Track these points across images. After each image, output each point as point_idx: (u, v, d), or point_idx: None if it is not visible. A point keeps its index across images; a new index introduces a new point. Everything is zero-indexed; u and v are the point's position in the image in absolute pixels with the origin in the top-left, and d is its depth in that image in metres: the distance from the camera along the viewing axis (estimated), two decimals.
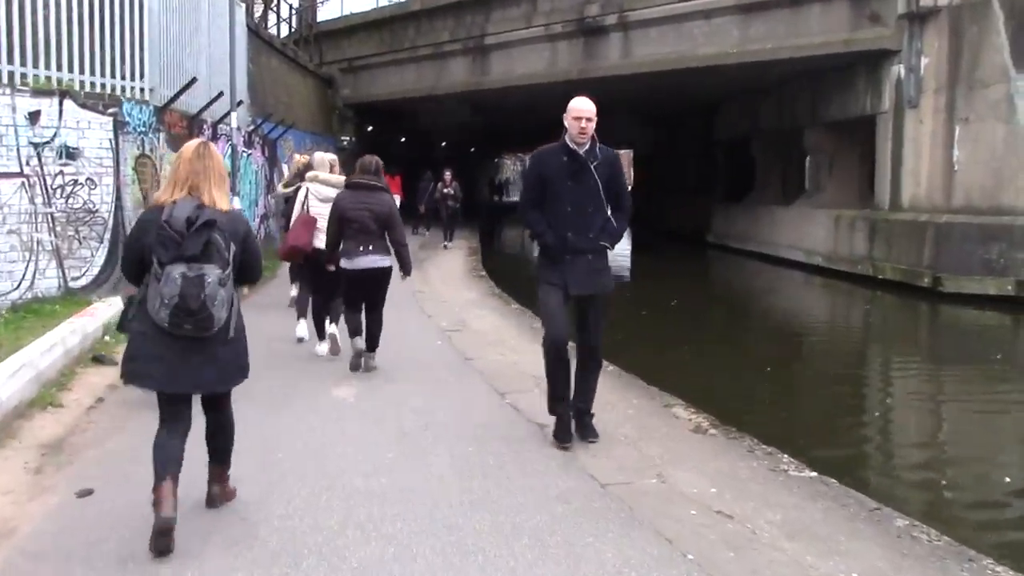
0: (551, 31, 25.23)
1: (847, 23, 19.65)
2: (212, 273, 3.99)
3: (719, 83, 25.42)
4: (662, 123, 38.19)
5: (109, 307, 10.06)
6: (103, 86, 11.26)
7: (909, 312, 16.72)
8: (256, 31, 22.79)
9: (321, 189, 8.66)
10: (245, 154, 18.03)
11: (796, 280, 21.68)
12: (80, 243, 10.59)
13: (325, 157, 9.25)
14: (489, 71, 27.47)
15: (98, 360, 8.36)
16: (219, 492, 4.58)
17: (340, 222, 7.71)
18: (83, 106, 10.52)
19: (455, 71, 28.58)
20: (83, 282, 10.63)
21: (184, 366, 4.11)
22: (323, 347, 8.80)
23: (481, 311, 12.24)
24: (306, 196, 8.74)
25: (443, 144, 48.12)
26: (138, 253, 4.14)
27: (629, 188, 7.09)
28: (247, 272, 4.38)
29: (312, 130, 27.43)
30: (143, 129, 11.61)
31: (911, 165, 18.42)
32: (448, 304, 12.82)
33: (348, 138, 31.35)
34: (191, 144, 4.29)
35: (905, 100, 18.54)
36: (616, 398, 7.35)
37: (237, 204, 5.21)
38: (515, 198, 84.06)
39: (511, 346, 9.68)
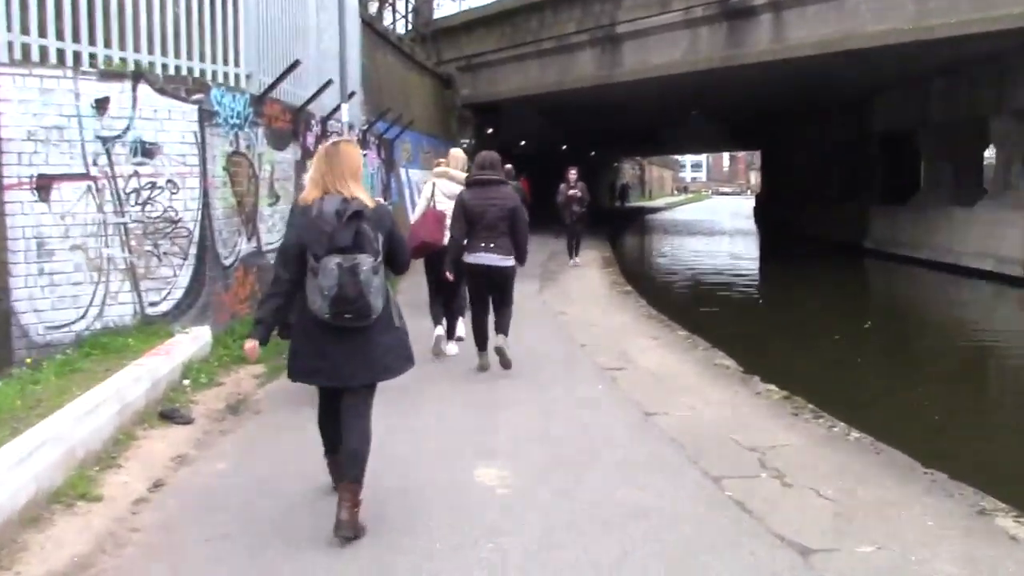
0: (691, 15, 22.72)
1: None
2: (366, 262, 4.10)
3: (881, 68, 22.47)
4: (801, 118, 35.10)
5: (193, 341, 8.14)
6: (188, 70, 9.36)
7: None
8: (371, 24, 21.02)
9: (450, 186, 8.61)
10: (361, 156, 16.13)
11: (993, 293, 18.56)
12: (160, 260, 8.64)
13: (460, 154, 9.23)
14: (621, 62, 25.11)
15: (166, 417, 6.40)
16: (348, 518, 4.25)
17: (465, 220, 7.63)
18: (162, 92, 8.56)
19: (583, 64, 26.32)
20: (164, 308, 8.65)
21: (350, 358, 4.23)
22: (453, 347, 8.81)
23: (642, 340, 9.90)
24: (432, 192, 8.72)
25: (563, 147, 45.99)
26: (295, 248, 4.26)
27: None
28: (395, 263, 4.52)
29: (430, 132, 25.58)
30: (237, 121, 9.67)
31: None
32: (600, 330, 10.54)
33: (468, 140, 29.46)
34: (323, 145, 4.51)
35: None
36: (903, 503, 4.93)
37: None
38: (637, 203, 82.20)
39: (699, 394, 7.32)
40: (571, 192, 18.30)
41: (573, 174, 18.43)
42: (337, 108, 13.06)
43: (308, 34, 12.89)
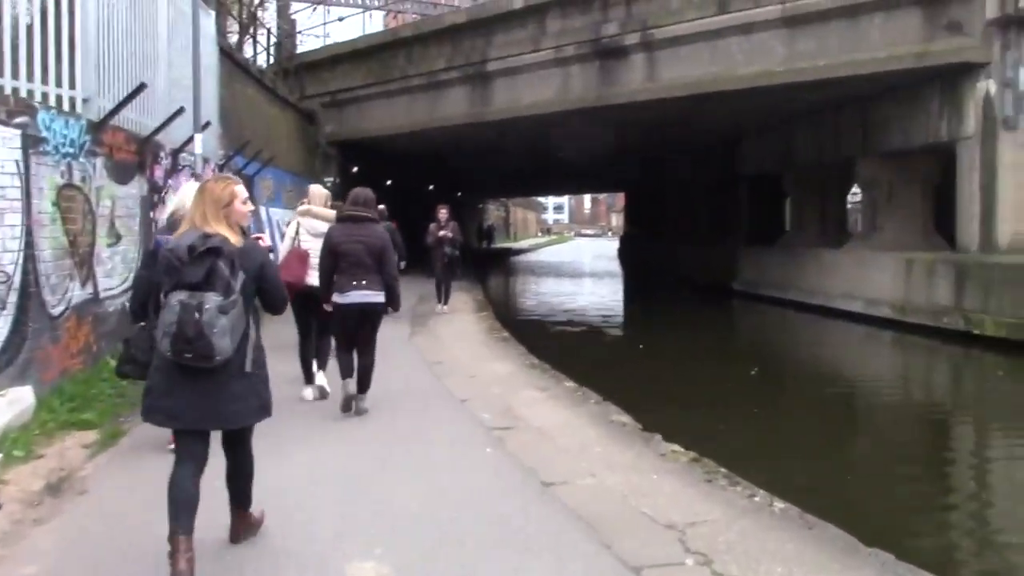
0: (562, 54, 22.40)
1: (917, 34, 16.92)
2: (211, 300, 3.94)
3: (750, 111, 22.72)
4: (669, 160, 35.42)
5: (9, 405, 6.92)
6: (14, 90, 8.16)
7: None
8: (230, 54, 19.85)
9: (313, 224, 8.45)
10: None
11: (865, 335, 18.56)
12: None
13: (321, 190, 9.02)
14: (492, 100, 24.58)
15: None
16: (241, 529, 4.59)
17: (333, 256, 7.57)
18: None
19: (453, 101, 25.68)
20: None
21: (198, 401, 4.09)
22: (309, 392, 8.48)
23: (529, 393, 9.11)
24: (296, 231, 8.55)
25: (431, 187, 45.29)
26: (146, 286, 4.55)
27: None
28: (267, 303, 4.42)
29: (294, 169, 24.39)
30: (70, 150, 8.50)
31: (1010, 198, 15.58)
32: (480, 382, 9.70)
33: (332, 179, 28.34)
34: (210, 179, 4.42)
35: (999, 121, 15.73)
36: None
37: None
38: (503, 244, 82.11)
39: (599, 458, 6.55)
40: (442, 233, 16.58)
41: (444, 213, 16.79)
42: (190, 140, 11.92)
43: (159, 59, 11.81)
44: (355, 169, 30.34)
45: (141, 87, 9.56)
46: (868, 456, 9.64)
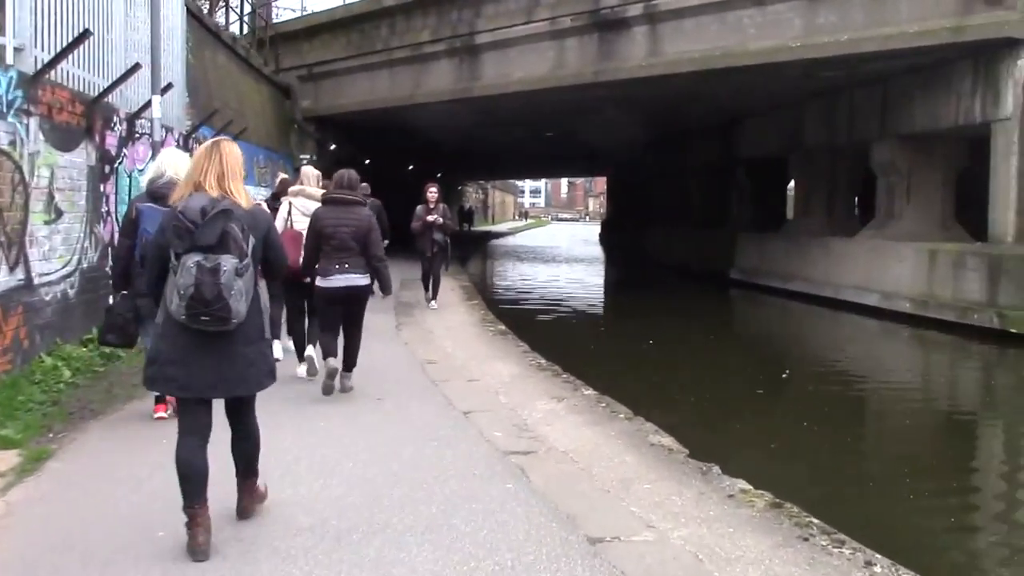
0: (558, 26, 21.00)
1: (951, 7, 15.62)
2: (228, 263, 3.90)
3: (756, 90, 21.34)
4: (660, 142, 34.06)
5: None
6: None
7: None
8: (199, 17, 18.25)
9: (307, 204, 8.29)
10: None
11: (883, 331, 17.26)
12: None
13: (313, 171, 8.94)
14: (480, 75, 23.13)
15: None
16: (248, 503, 4.48)
17: (317, 238, 7.50)
18: None
19: (438, 76, 24.22)
20: None
21: (210, 367, 4.04)
22: (302, 368, 8.42)
23: (544, 404, 7.72)
24: (289, 211, 8.42)
25: (410, 168, 43.73)
26: (159, 252, 4.09)
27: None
28: (270, 268, 4.44)
29: (266, 145, 22.80)
30: None
31: None
32: (483, 388, 8.31)
33: (308, 156, 26.78)
34: (203, 145, 4.29)
35: None
36: None
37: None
38: (482, 228, 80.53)
39: (655, 502, 5.16)
40: (431, 217, 13.85)
41: (433, 192, 13.93)
42: (147, 106, 10.41)
43: (114, 14, 10.27)
44: (333, 147, 28.81)
45: (85, 34, 8.07)
46: (947, 483, 8.33)
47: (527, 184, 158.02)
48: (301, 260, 7.75)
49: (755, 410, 10.75)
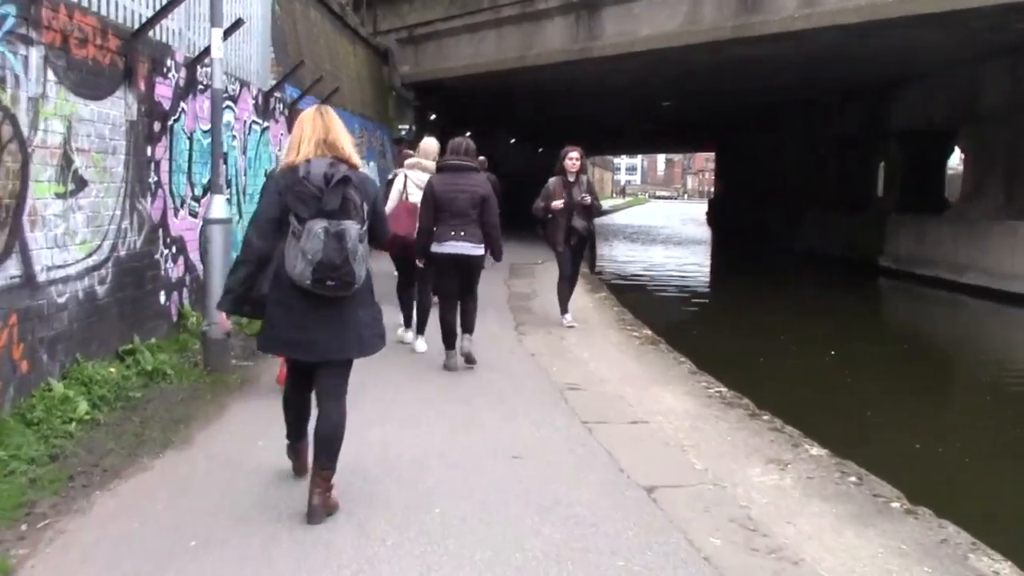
0: None
1: None
2: (352, 228, 3.96)
3: (935, 45, 18.04)
4: (783, 110, 30.85)
5: None
6: None
7: None
8: None
9: (423, 177, 8.08)
10: (258, 127, 11.21)
11: None
12: None
13: (433, 143, 8.64)
14: (600, 33, 20.48)
15: None
16: (320, 502, 4.18)
17: (434, 206, 7.33)
18: None
19: (552, 36, 21.64)
20: None
21: (326, 332, 4.07)
22: (422, 343, 8.31)
23: (760, 471, 5.18)
24: (404, 184, 8.25)
25: (511, 141, 41.37)
26: (275, 211, 4.08)
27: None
28: (376, 235, 4.32)
29: (362, 113, 20.60)
30: None
31: None
32: (658, 437, 5.80)
33: (407, 126, 24.63)
34: (307, 111, 4.28)
35: None
36: None
37: None
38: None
39: None
40: (581, 196, 9.72)
41: (575, 159, 9.81)
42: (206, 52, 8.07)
43: None
44: (433, 116, 26.55)
45: None
46: None
47: (623, 160, 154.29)
48: (416, 230, 7.61)
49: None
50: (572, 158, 9.82)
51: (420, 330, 8.37)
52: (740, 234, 37.13)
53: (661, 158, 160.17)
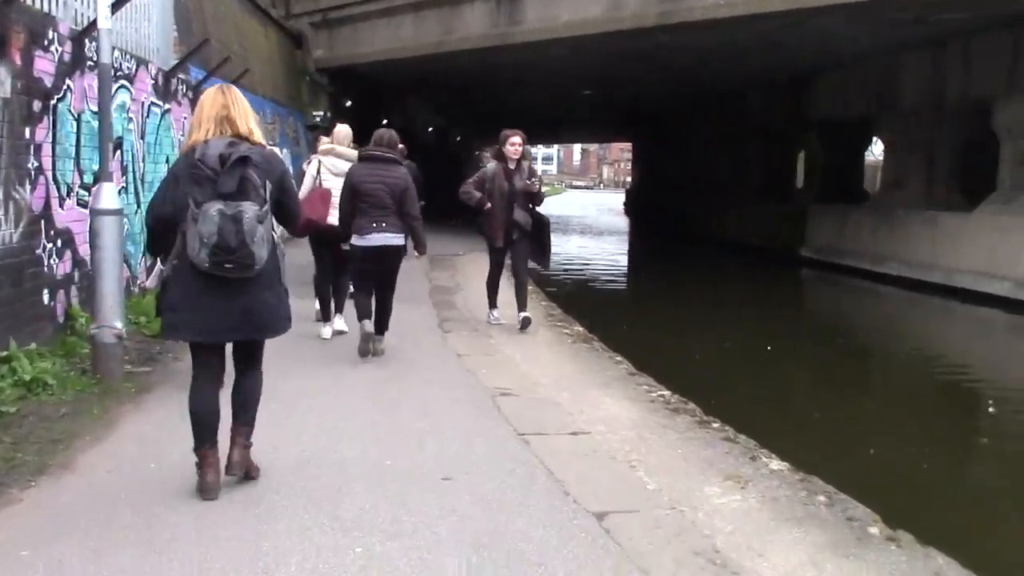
0: None
1: None
2: (250, 210, 3.89)
3: (859, 36, 17.88)
4: (702, 101, 30.71)
5: None
6: None
7: None
8: None
9: (336, 163, 8.19)
10: (158, 109, 10.34)
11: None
12: None
13: (347, 130, 8.67)
14: (521, 19, 19.89)
15: None
16: (239, 458, 4.23)
17: (353, 196, 7.39)
18: None
19: (471, 21, 20.98)
20: None
21: (226, 313, 4.04)
22: (327, 330, 8.38)
23: (718, 491, 4.65)
24: (318, 170, 8.26)
25: (429, 129, 40.55)
26: (172, 200, 4.04)
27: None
28: (286, 214, 4.30)
29: (274, 97, 19.67)
30: None
31: None
32: (602, 451, 5.25)
33: (321, 113, 23.72)
34: (209, 90, 4.23)
35: None
36: None
37: None
38: None
39: None
40: (520, 181, 8.81)
41: (517, 144, 8.82)
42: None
43: None
44: (348, 103, 25.65)
45: None
46: None
47: (540, 150, 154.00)
48: (330, 218, 7.80)
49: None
50: (514, 143, 8.86)
51: (339, 309, 8.49)
52: (660, 224, 36.99)
53: (577, 148, 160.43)
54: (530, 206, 8.99)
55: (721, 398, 7.58)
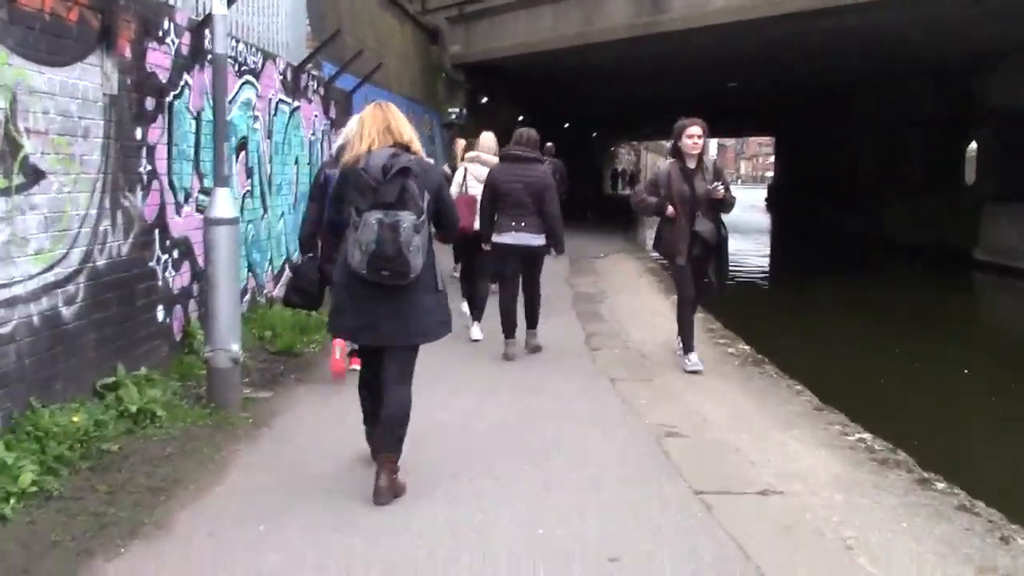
0: None
1: None
2: (407, 219, 4.00)
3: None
4: (856, 93, 28.66)
5: None
6: None
7: None
8: None
9: (481, 170, 8.20)
10: (287, 107, 9.69)
11: None
12: None
13: (492, 137, 8.82)
14: (668, 6, 18.75)
15: None
16: (387, 483, 4.25)
17: (493, 196, 7.40)
18: None
19: (614, 10, 20.01)
20: None
21: (389, 318, 4.17)
22: (477, 330, 8.26)
23: None
24: (464, 177, 8.54)
25: (565, 126, 39.59)
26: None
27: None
28: (443, 224, 4.43)
29: (410, 95, 19.10)
30: None
31: None
32: (804, 519, 4.19)
33: (457, 110, 23.10)
34: (369, 105, 4.42)
35: None
36: None
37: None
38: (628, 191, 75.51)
39: None
40: (703, 185, 7.06)
41: (696, 135, 7.09)
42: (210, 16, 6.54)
43: None
44: (485, 99, 24.98)
45: None
46: None
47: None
48: (477, 225, 7.77)
49: None
50: (692, 135, 7.06)
51: (477, 317, 8.39)
52: (806, 220, 34.93)
53: (713, 143, 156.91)
54: (724, 209, 7.26)
55: (931, 441, 6.36)
